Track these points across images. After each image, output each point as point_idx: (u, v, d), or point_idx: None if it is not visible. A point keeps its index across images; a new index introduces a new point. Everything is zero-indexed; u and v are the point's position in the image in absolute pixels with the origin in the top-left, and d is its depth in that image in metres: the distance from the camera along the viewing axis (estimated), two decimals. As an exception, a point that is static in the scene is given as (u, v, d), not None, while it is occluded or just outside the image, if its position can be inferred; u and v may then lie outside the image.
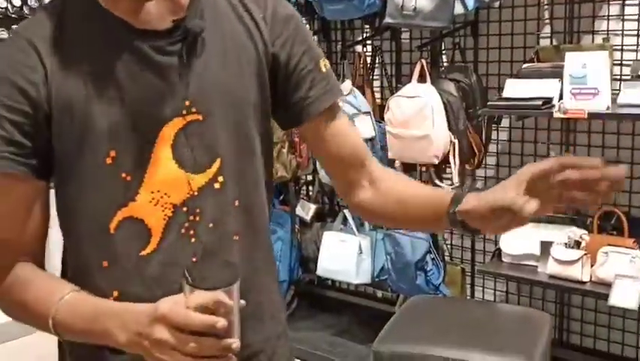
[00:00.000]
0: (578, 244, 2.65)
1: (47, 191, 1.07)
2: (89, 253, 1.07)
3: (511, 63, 3.07)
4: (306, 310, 3.78)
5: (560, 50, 2.75)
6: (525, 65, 2.82)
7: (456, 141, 2.94)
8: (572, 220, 2.84)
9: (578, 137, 2.99)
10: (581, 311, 3.09)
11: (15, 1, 3.51)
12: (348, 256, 3.29)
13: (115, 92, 1.01)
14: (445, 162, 3.00)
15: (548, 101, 2.62)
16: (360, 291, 3.84)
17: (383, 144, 3.17)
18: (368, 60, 3.49)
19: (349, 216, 3.38)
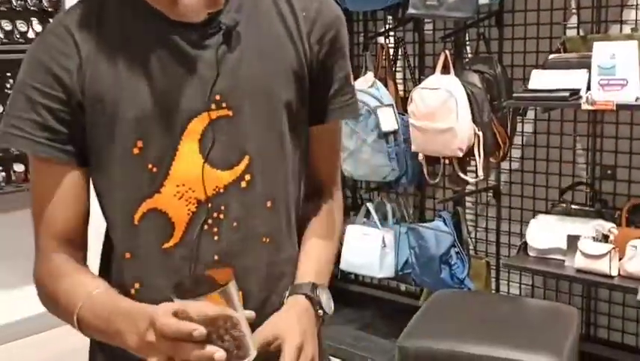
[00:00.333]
0: (606, 237, 2.61)
1: (87, 178, 1.08)
2: (115, 243, 1.08)
3: (536, 54, 3.03)
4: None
5: (588, 40, 2.71)
6: (551, 56, 2.77)
7: (480, 133, 2.90)
8: (599, 213, 2.80)
9: (605, 128, 2.94)
10: (608, 305, 3.04)
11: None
12: (371, 249, 3.27)
13: (145, 83, 1.02)
14: (469, 154, 2.96)
15: (575, 92, 2.57)
16: (383, 285, 3.82)
17: (406, 136, 3.14)
18: (391, 52, 3.45)
19: (372, 210, 3.36)
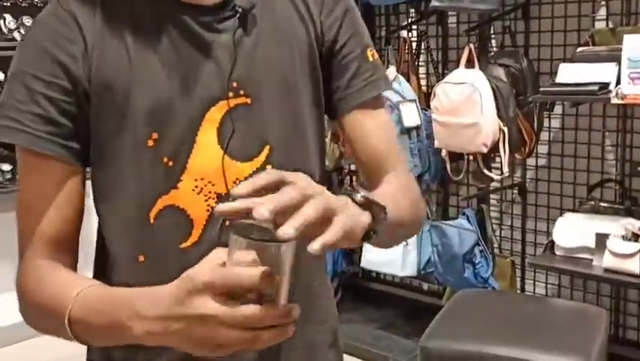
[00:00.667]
0: (636, 236, 2.53)
1: (84, 180, 0.99)
2: (124, 246, 0.99)
3: (564, 47, 2.96)
4: (350, 302, 3.71)
5: (617, 33, 2.64)
6: (580, 49, 2.70)
7: (505, 128, 2.84)
8: (629, 211, 2.72)
9: (635, 123, 2.86)
10: (638, 306, 2.97)
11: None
12: (393, 248, 3.21)
13: (159, 69, 0.94)
14: (493, 150, 2.90)
15: (605, 86, 2.51)
16: (405, 283, 3.76)
17: (429, 132, 3.08)
18: (413, 46, 3.40)
19: (394, 207, 3.30)
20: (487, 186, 3.22)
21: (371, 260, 3.32)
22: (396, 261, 3.23)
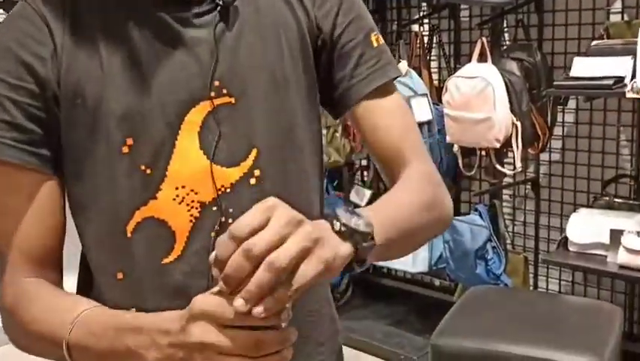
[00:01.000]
0: (652, 232, 2.50)
1: (62, 190, 0.92)
2: (102, 262, 0.92)
3: (578, 41, 2.91)
4: (360, 298, 3.70)
5: (633, 26, 2.60)
6: (594, 42, 2.66)
7: (518, 123, 2.81)
8: (644, 207, 2.69)
9: (651, 118, 2.82)
10: (653, 303, 2.93)
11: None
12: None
13: (133, 70, 0.87)
14: (506, 145, 2.87)
15: (620, 80, 2.46)
16: (416, 279, 3.74)
17: (440, 127, 3.05)
18: (425, 40, 3.37)
19: (405, 203, 3.27)
20: (500, 182, 3.18)
21: (382, 256, 3.30)
22: (407, 257, 3.20)
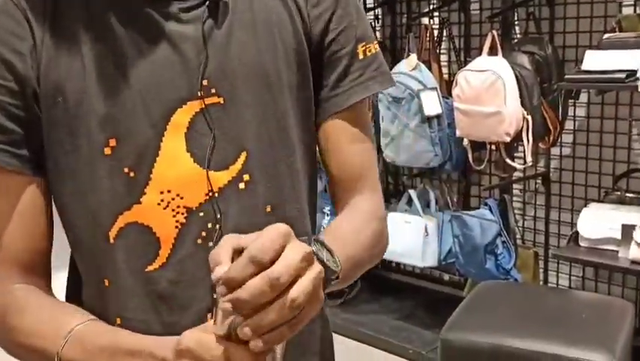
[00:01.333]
0: (664, 228, 2.47)
1: (47, 191, 0.89)
2: (87, 268, 0.90)
3: (590, 34, 2.88)
4: (369, 292, 3.68)
5: (645, 18, 2.57)
6: (606, 36, 2.63)
7: (529, 117, 2.78)
8: (656, 202, 2.66)
9: (663, 112, 2.80)
10: (664, 299, 2.90)
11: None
12: (413, 238, 3.17)
13: (117, 68, 0.83)
14: (516, 139, 2.85)
15: (632, 73, 2.43)
16: (425, 274, 3.72)
17: (450, 121, 3.03)
18: (435, 33, 3.34)
19: (414, 197, 3.26)
20: (510, 176, 3.16)
21: (391, 250, 3.23)
22: (416, 251, 3.19)
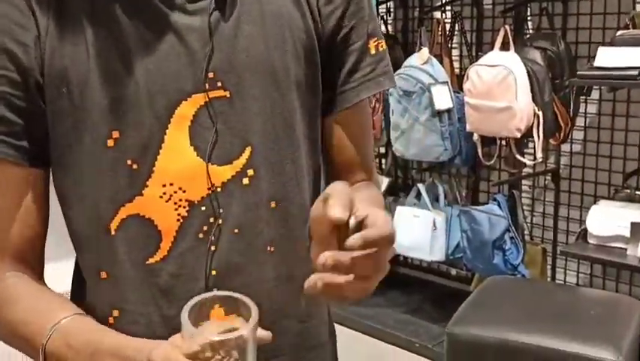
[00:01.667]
0: (673, 226, 2.47)
1: (45, 183, 0.90)
2: (86, 259, 0.90)
3: (603, 30, 2.86)
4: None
5: (659, 16, 2.55)
6: (619, 32, 2.61)
7: (540, 113, 2.77)
8: (666, 200, 2.65)
9: (675, 110, 2.78)
10: (672, 298, 2.89)
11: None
12: (421, 232, 3.17)
13: (121, 59, 0.83)
14: (527, 135, 2.84)
15: (645, 71, 2.42)
16: (433, 268, 3.72)
17: (460, 115, 3.02)
18: (447, 27, 3.33)
19: (423, 191, 3.26)
20: (520, 172, 3.15)
21: (399, 244, 3.24)
22: (424, 245, 3.18)
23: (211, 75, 0.85)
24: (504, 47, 2.87)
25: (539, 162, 2.91)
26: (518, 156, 2.93)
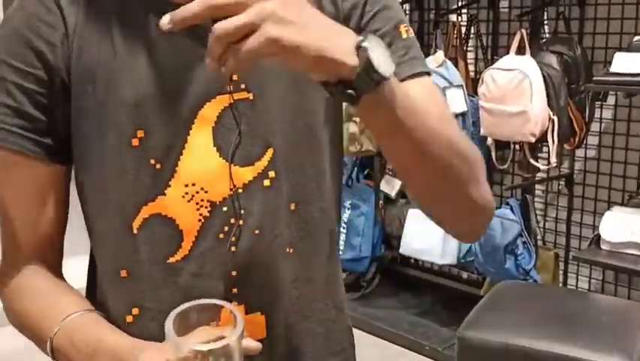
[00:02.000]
0: (687, 234, 2.45)
1: (65, 180, 0.90)
2: (106, 257, 0.91)
3: (620, 35, 2.85)
4: (387, 287, 3.69)
5: (677, 22, 2.54)
6: (636, 38, 2.60)
7: (555, 118, 2.76)
8: (680, 207, 2.63)
9: (692, 117, 2.76)
10: (685, 306, 2.87)
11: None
12: (433, 235, 3.16)
13: (147, 59, 0.83)
14: (541, 140, 2.83)
15: (662, 77, 2.41)
16: (444, 271, 3.71)
17: (475, 119, 3.02)
18: (463, 30, 3.33)
19: (436, 194, 3.25)
20: (533, 176, 3.14)
21: (410, 246, 3.28)
22: (436, 248, 3.18)
23: (235, 77, 0.85)
24: (520, 50, 2.87)
25: (553, 167, 2.90)
26: (532, 160, 2.93)
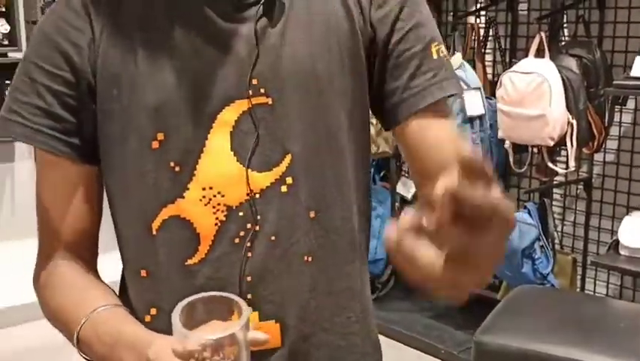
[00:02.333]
0: None
1: (98, 179, 0.92)
2: (128, 257, 0.93)
3: (640, 39, 2.83)
4: (402, 290, 3.67)
5: (699, 26, 2.51)
6: (657, 42, 2.58)
7: (574, 121, 2.74)
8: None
9: None
10: None
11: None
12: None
13: (169, 63, 0.85)
14: (559, 144, 2.81)
15: (683, 81, 2.39)
16: (460, 274, 3.70)
17: (492, 122, 3.01)
18: (481, 32, 3.31)
19: (453, 197, 3.24)
20: (551, 180, 3.12)
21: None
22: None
23: (255, 82, 0.85)
24: (539, 53, 2.85)
25: (571, 171, 2.88)
26: (550, 164, 2.91)
